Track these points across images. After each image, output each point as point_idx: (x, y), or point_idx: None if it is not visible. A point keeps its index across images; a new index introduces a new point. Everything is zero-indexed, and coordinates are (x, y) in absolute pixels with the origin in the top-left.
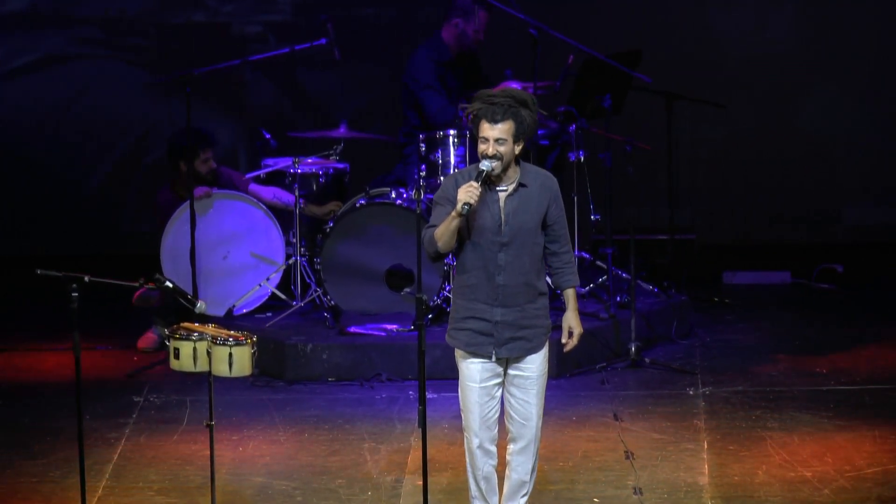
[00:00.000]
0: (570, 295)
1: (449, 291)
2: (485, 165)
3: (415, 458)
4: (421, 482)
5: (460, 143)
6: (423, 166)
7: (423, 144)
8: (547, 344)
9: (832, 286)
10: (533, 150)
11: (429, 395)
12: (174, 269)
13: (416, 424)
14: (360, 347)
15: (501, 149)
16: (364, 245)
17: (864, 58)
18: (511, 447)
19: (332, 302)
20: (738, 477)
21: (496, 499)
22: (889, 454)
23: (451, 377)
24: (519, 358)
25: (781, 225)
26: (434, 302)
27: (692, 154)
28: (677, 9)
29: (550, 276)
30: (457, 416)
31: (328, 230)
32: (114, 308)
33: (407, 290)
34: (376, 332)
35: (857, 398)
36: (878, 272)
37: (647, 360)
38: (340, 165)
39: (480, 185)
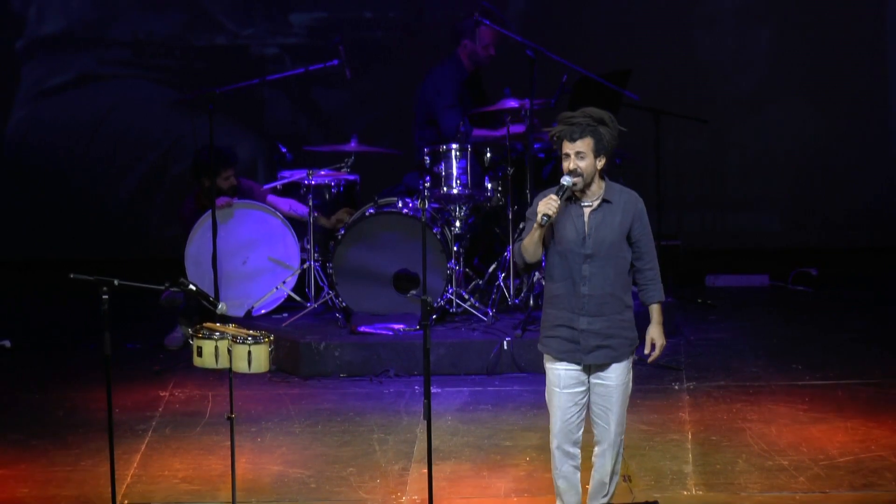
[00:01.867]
0: (654, 309)
1: (451, 293)
2: (566, 181)
3: (420, 448)
4: (426, 470)
5: (462, 156)
6: (428, 177)
7: (427, 157)
8: (631, 357)
9: (807, 288)
10: (530, 163)
11: (433, 390)
12: (197, 273)
13: (422, 417)
14: (369, 346)
15: (582, 164)
16: (373, 251)
17: (826, 78)
18: (595, 449)
19: (344, 303)
20: (719, 465)
21: (575, 497)
22: (860, 444)
23: (453, 373)
24: (602, 367)
25: (760, 231)
26: (438, 303)
27: (677, 166)
28: (664, 32)
29: (637, 291)
30: (459, 409)
31: (340, 237)
32: (142, 309)
33: (413, 292)
34: (384, 332)
35: (831, 392)
36: (851, 274)
37: (635, 356)
38: (351, 177)
39: (563, 199)
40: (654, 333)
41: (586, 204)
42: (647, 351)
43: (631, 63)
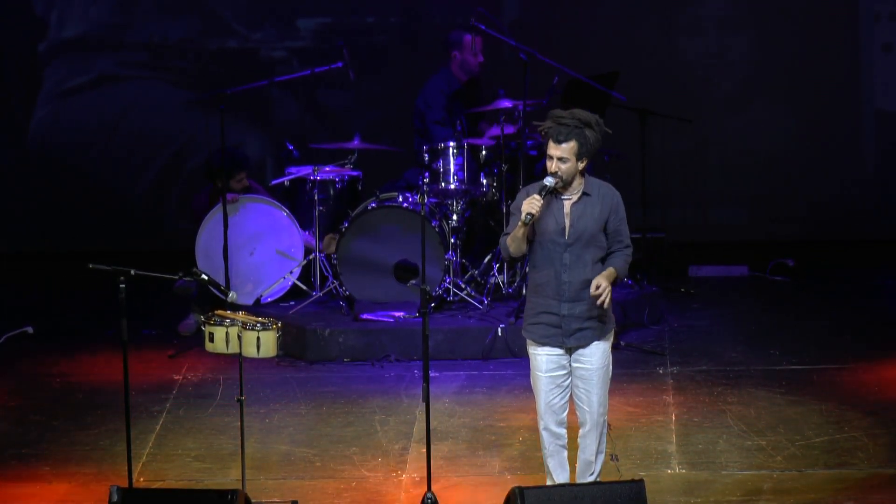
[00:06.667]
0: (608, 270)
1: (449, 283)
2: (548, 181)
3: (419, 428)
4: (425, 449)
5: (458, 153)
6: (427, 174)
7: (426, 155)
8: (609, 341)
9: (784, 278)
10: (523, 160)
11: (432, 374)
12: (208, 264)
13: (421, 399)
14: (371, 332)
15: (563, 167)
16: (375, 242)
17: (802, 81)
18: (580, 431)
19: (347, 292)
20: (701, 445)
21: (564, 475)
22: (834, 425)
23: (451, 358)
24: (583, 351)
25: (739, 225)
26: (436, 292)
27: (662, 163)
28: (650, 37)
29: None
30: (455, 392)
31: (343, 229)
32: (157, 297)
33: (412, 281)
34: (386, 319)
35: (807, 376)
36: (826, 265)
37: (622, 343)
38: (354, 172)
39: (544, 197)
40: (601, 278)
41: (566, 197)
42: (591, 291)
43: (619, 66)
